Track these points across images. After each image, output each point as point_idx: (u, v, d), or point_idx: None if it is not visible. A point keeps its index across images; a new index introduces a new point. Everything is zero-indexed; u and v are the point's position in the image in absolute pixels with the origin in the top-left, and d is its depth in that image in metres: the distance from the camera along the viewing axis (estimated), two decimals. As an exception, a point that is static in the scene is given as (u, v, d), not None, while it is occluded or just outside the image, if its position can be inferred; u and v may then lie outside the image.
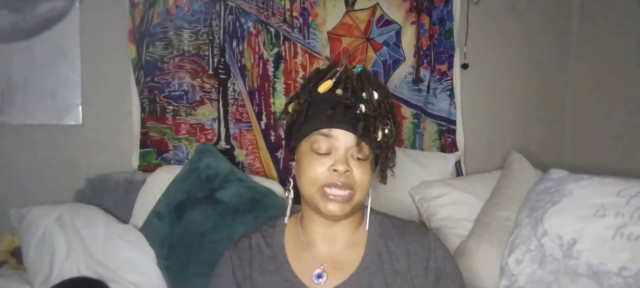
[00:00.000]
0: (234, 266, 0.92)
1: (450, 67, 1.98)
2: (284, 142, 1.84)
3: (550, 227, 1.34)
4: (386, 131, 0.87)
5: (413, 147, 1.98)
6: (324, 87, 0.87)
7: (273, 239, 0.94)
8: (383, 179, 0.94)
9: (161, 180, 1.58)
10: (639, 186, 1.30)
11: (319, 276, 0.88)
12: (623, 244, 1.22)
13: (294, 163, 0.93)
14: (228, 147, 1.83)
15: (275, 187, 1.66)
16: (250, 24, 1.81)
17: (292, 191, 0.93)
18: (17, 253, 1.57)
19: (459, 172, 1.98)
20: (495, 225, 1.51)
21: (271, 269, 0.91)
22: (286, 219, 0.96)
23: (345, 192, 0.84)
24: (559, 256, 1.29)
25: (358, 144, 0.84)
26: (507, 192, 1.61)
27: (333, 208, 0.85)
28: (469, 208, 1.65)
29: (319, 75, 0.90)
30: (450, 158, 1.94)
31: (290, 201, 0.94)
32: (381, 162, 0.91)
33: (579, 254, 1.27)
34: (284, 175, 1.87)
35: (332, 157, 0.85)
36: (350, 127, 0.84)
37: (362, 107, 0.85)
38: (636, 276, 1.17)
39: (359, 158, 0.86)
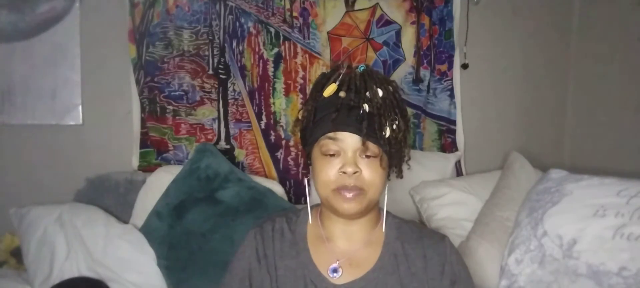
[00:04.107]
0: (257, 242, 0.95)
1: (450, 67, 1.98)
2: (283, 142, 1.87)
3: (550, 227, 1.34)
4: (394, 127, 0.87)
5: (413, 147, 1.98)
6: (329, 91, 0.88)
7: (296, 226, 0.97)
8: (399, 174, 0.96)
9: (161, 180, 1.58)
10: (639, 186, 1.30)
11: (335, 270, 0.90)
12: (623, 244, 1.22)
13: (311, 168, 0.95)
14: (228, 147, 1.83)
15: (275, 187, 1.66)
16: (250, 24, 1.81)
17: (309, 196, 0.96)
18: (17, 253, 1.56)
19: (459, 172, 1.98)
20: (495, 225, 1.51)
21: (292, 254, 0.93)
22: (310, 218, 0.97)
23: (357, 191, 0.86)
24: (559, 256, 1.29)
25: (364, 144, 0.85)
26: (507, 192, 1.61)
27: (348, 207, 0.86)
28: (469, 208, 1.65)
29: (324, 80, 0.91)
30: (450, 158, 1.95)
31: (309, 205, 0.97)
32: (395, 157, 0.91)
33: (579, 254, 1.26)
34: (284, 175, 1.87)
35: (341, 159, 0.86)
36: (355, 129, 0.85)
37: (366, 107, 0.85)
38: (636, 276, 1.17)
39: (368, 156, 0.86)
